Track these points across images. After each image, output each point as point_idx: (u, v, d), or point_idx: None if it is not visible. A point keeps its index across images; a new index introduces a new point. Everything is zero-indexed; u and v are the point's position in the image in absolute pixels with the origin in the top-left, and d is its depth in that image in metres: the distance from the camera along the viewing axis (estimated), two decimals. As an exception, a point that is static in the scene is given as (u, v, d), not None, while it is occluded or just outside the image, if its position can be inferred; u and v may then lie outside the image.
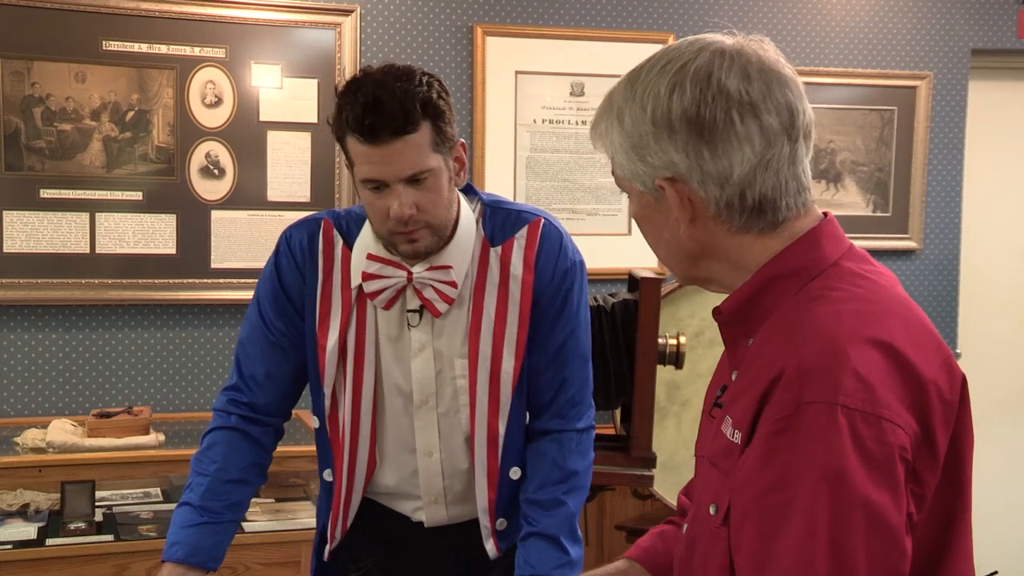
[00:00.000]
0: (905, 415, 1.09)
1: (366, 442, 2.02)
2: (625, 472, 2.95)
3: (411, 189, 1.82)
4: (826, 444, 1.06)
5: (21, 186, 3.42)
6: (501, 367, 1.97)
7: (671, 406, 3.55)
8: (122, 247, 3.51)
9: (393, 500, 2.10)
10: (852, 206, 4.23)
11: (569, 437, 2.03)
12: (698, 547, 1.26)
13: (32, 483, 3.10)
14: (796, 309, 1.18)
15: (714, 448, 1.24)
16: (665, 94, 1.19)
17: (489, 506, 2.03)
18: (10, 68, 3.38)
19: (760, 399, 1.13)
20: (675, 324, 3.37)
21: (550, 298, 1.99)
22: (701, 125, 1.18)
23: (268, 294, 2.03)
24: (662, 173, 1.21)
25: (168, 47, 3.51)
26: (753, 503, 1.12)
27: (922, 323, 1.19)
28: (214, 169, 3.58)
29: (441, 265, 1.93)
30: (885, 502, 1.06)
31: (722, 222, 1.22)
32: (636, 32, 3.94)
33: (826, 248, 1.23)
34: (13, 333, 3.47)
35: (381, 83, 1.79)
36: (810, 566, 1.06)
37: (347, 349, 1.98)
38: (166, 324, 3.59)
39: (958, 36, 4.30)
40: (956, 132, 4.34)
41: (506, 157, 3.88)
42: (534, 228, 1.99)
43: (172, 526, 1.97)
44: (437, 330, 1.99)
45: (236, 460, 2.01)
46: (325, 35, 3.64)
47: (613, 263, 3.70)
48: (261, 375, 2.03)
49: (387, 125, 1.77)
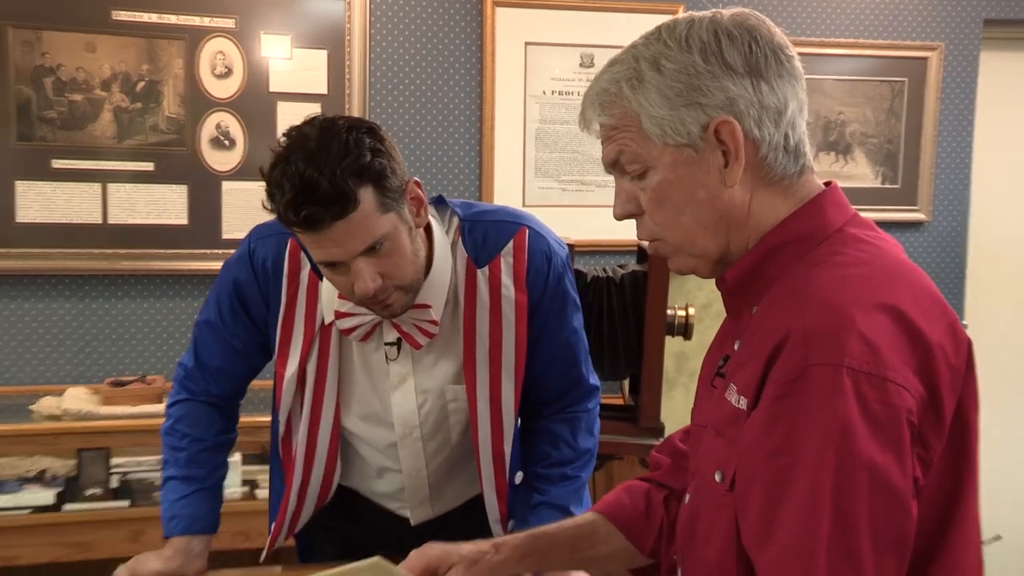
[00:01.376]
0: (911, 378, 1.09)
1: (320, 471, 1.99)
2: (633, 442, 2.98)
3: (370, 260, 1.69)
4: (831, 406, 1.06)
5: (33, 156, 3.44)
6: (501, 393, 1.92)
7: (680, 376, 3.58)
8: (133, 217, 3.53)
9: (380, 498, 2.10)
10: (861, 178, 4.23)
11: (579, 417, 2.03)
12: (702, 515, 1.27)
13: (49, 450, 3.14)
14: (801, 275, 1.18)
15: (718, 416, 1.25)
16: (711, 39, 1.21)
17: (501, 517, 2.02)
18: (20, 38, 3.39)
19: (766, 363, 1.14)
20: (683, 296, 3.39)
21: (547, 309, 1.94)
22: (756, 61, 1.21)
23: (226, 301, 1.95)
24: (719, 113, 1.21)
25: (177, 17, 3.51)
26: (759, 467, 1.13)
27: (927, 288, 1.19)
28: (224, 140, 3.59)
29: (419, 304, 1.84)
30: (889, 464, 1.06)
31: (764, 168, 1.23)
32: (646, 3, 3.92)
33: (830, 214, 1.24)
34: (27, 302, 3.50)
35: (307, 160, 1.61)
36: (814, 528, 1.06)
37: (306, 379, 1.92)
38: (178, 294, 3.62)
39: (970, 6, 4.26)
40: (967, 104, 4.31)
41: (516, 128, 3.88)
42: (520, 242, 1.90)
43: (164, 502, 1.98)
44: (418, 362, 1.93)
45: (206, 428, 2.02)
46: (335, 5, 3.64)
47: (622, 235, 3.69)
48: (214, 366, 2.01)
49: (325, 213, 1.61)
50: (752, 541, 1.15)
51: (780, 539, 1.10)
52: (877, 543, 1.07)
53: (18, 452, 3.13)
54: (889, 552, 1.08)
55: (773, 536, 1.10)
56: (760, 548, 1.13)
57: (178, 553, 1.93)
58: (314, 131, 1.66)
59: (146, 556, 1.95)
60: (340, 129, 1.66)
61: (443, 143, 3.83)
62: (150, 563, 1.92)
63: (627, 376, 3.14)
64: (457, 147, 3.85)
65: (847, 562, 1.06)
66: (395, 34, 3.76)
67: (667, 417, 3.05)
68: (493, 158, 3.85)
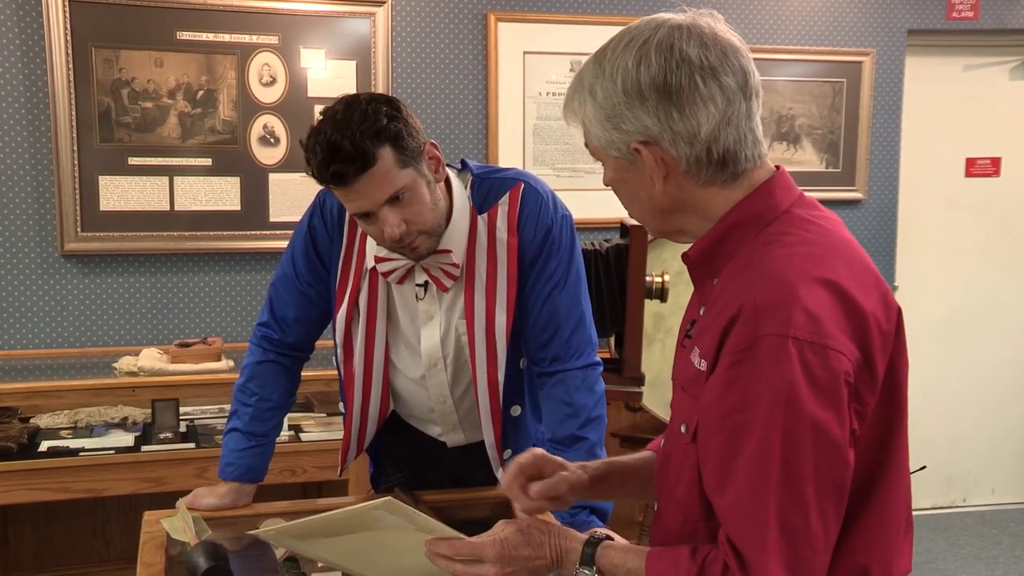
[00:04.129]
0: (848, 344, 1.06)
1: (378, 390, 1.95)
2: (618, 389, 2.95)
3: (395, 209, 1.68)
4: (779, 371, 1.03)
5: (113, 155, 3.39)
6: (495, 322, 1.85)
7: (657, 333, 3.53)
8: (196, 205, 3.49)
9: (421, 424, 2.06)
10: (808, 163, 4.18)
11: (571, 375, 1.88)
12: (672, 460, 1.23)
13: (128, 400, 3.13)
14: (754, 252, 1.14)
15: (685, 375, 1.21)
16: (633, 67, 1.13)
17: (496, 441, 1.95)
18: (101, 56, 3.35)
19: (722, 333, 1.10)
20: (660, 264, 3.34)
21: (535, 255, 1.85)
22: (669, 90, 1.12)
23: (300, 248, 1.92)
24: (636, 137, 1.15)
25: (231, 36, 3.46)
26: (716, 423, 1.09)
27: (863, 262, 1.15)
28: (270, 138, 3.54)
29: (442, 249, 1.81)
30: (830, 420, 1.04)
31: (691, 177, 1.16)
32: (626, 17, 3.86)
33: (779, 197, 1.17)
34: (110, 277, 3.46)
35: (334, 128, 1.63)
36: (765, 477, 1.04)
37: (360, 310, 1.89)
38: (232, 269, 3.58)
39: (897, 18, 4.22)
40: (895, 100, 4.27)
41: (516, 125, 3.83)
42: (515, 192, 1.85)
43: (225, 448, 1.95)
44: (442, 302, 1.88)
45: (273, 390, 1.97)
46: (362, 23, 3.58)
47: (607, 214, 3.65)
48: (291, 317, 1.96)
49: (349, 168, 1.62)
50: (712, 488, 1.11)
51: (736, 486, 1.07)
52: (820, 488, 1.05)
53: (103, 402, 3.12)
54: (830, 495, 1.06)
55: (730, 483, 1.07)
56: (719, 494, 1.10)
57: (230, 491, 1.91)
58: (340, 105, 1.68)
59: (203, 491, 1.92)
60: (361, 101, 1.68)
61: (454, 138, 3.78)
62: (206, 498, 1.90)
63: (612, 334, 3.10)
64: (466, 141, 3.79)
65: (794, 504, 1.04)
66: (413, 46, 3.70)
67: (647, 368, 3.02)
68: (497, 150, 3.80)
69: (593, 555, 1.20)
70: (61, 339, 3.44)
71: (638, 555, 1.18)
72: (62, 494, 2.75)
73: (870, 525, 1.14)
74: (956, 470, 4.71)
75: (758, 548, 1.04)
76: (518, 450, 1.89)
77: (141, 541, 1.75)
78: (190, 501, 1.89)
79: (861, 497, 1.12)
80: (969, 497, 4.77)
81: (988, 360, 4.68)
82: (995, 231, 4.63)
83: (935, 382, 4.52)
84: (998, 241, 4.64)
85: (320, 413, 3.14)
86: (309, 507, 1.99)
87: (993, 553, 4.22)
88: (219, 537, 1.74)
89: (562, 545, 1.23)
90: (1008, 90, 4.55)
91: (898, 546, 1.18)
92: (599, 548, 1.20)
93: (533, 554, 1.22)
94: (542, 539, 1.23)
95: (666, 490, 1.26)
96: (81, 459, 2.76)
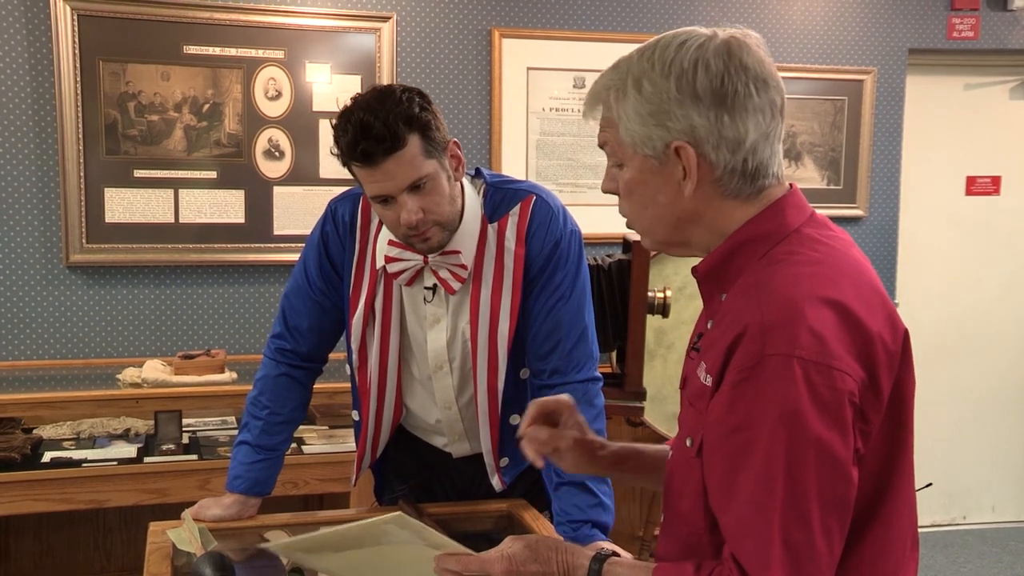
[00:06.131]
0: (853, 364, 1.06)
1: (392, 394, 1.95)
2: (620, 404, 2.95)
3: (414, 196, 1.70)
4: (784, 391, 1.03)
5: (119, 167, 3.40)
6: (498, 330, 1.85)
7: (658, 348, 3.54)
8: (200, 217, 3.50)
9: (426, 435, 2.06)
10: (809, 180, 4.19)
11: (571, 389, 1.84)
12: (677, 473, 1.24)
13: (131, 411, 3.12)
14: (761, 271, 1.14)
15: (691, 389, 1.21)
16: (689, 66, 1.13)
17: (492, 447, 1.95)
18: (108, 69, 3.36)
19: (728, 350, 1.10)
20: (662, 280, 3.35)
21: (542, 266, 1.86)
22: (724, 94, 1.13)
23: (313, 257, 1.94)
24: (681, 137, 1.14)
25: (236, 50, 3.47)
26: (721, 440, 1.10)
27: (871, 283, 1.15)
28: (275, 152, 3.55)
29: (451, 250, 1.82)
30: (834, 440, 1.04)
31: (720, 186, 1.17)
32: (628, 34, 3.89)
33: (789, 216, 1.18)
34: (115, 289, 3.47)
35: (366, 110, 1.66)
36: (769, 495, 1.04)
37: (375, 314, 1.89)
38: (236, 281, 3.59)
39: (898, 37, 4.24)
40: (896, 118, 4.29)
41: (519, 140, 3.84)
42: (526, 204, 1.86)
43: (234, 461, 1.95)
44: (449, 305, 1.88)
45: (284, 403, 1.97)
46: (367, 38, 3.60)
47: (610, 229, 3.65)
48: (304, 327, 1.96)
49: (378, 147, 1.65)
50: (716, 504, 1.12)
51: (740, 503, 1.07)
52: (823, 506, 1.05)
53: (106, 413, 3.11)
54: (833, 512, 1.06)
55: (734, 500, 1.08)
56: (723, 511, 1.11)
57: (236, 503, 1.92)
58: (373, 92, 1.72)
59: (209, 501, 1.93)
60: (395, 89, 1.71)
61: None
62: (212, 509, 1.90)
63: (614, 349, 3.11)
64: (470, 156, 3.79)
65: (798, 522, 1.04)
66: (417, 62, 3.72)
67: (648, 383, 3.03)
68: (501, 165, 3.80)
69: (600, 571, 1.20)
70: (65, 350, 3.45)
71: (644, 571, 1.18)
72: (64, 505, 2.75)
73: (875, 543, 1.14)
74: (956, 487, 4.70)
75: (762, 565, 1.05)
76: (515, 458, 1.94)
77: (147, 552, 1.75)
78: (195, 512, 1.89)
79: (866, 515, 1.12)
80: (969, 515, 4.76)
81: (988, 377, 4.68)
82: (995, 249, 4.64)
83: (935, 399, 4.51)
84: (998, 259, 4.65)
85: (323, 426, 3.14)
86: (312, 519, 2.00)
87: (993, 571, 4.21)
88: (225, 548, 1.74)
89: (570, 561, 1.23)
90: (1008, 109, 4.57)
91: (904, 564, 1.18)
92: (606, 564, 1.21)
93: (541, 570, 1.22)
94: (550, 555, 1.23)
95: (672, 501, 1.27)
96: (83, 470, 2.75)
